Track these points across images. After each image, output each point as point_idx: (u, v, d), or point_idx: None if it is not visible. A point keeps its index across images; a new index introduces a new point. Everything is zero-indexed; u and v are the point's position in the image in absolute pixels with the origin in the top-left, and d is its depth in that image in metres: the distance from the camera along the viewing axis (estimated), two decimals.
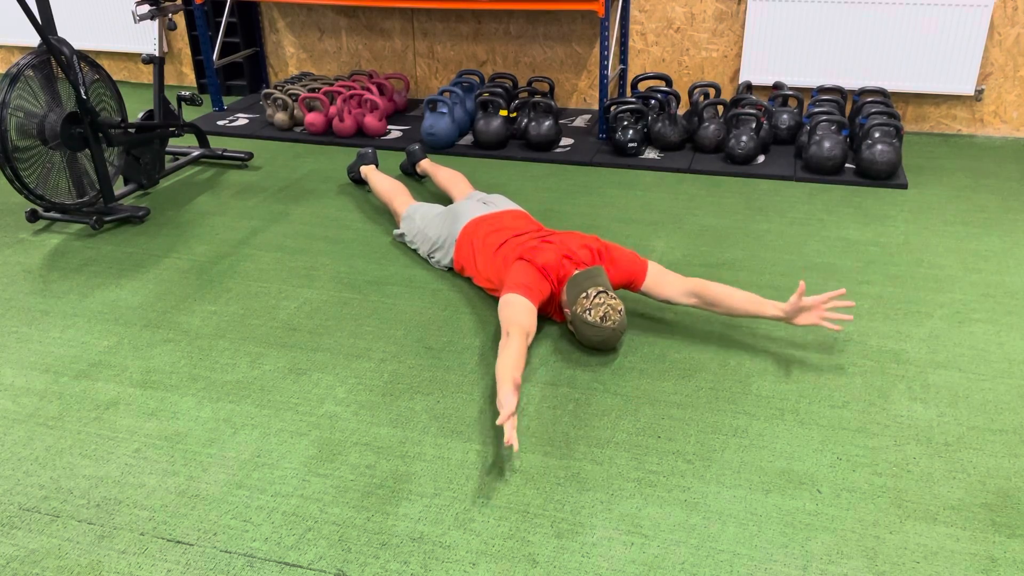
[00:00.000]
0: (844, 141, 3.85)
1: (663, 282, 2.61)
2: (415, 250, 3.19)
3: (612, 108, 4.32)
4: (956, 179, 3.88)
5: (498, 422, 1.94)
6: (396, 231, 3.29)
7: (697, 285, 2.55)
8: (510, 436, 1.92)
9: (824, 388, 2.34)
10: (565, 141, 4.42)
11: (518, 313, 2.38)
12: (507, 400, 2.01)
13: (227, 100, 5.40)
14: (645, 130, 4.26)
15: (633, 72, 4.87)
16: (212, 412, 2.28)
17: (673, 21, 4.68)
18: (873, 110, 4.06)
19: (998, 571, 1.75)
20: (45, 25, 3.24)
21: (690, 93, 4.44)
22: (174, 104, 4.96)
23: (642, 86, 4.81)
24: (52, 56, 3.21)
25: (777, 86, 4.45)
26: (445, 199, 3.61)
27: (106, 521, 1.91)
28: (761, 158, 4.12)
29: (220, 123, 4.83)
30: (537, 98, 4.31)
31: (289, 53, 5.44)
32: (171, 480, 2.03)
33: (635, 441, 2.14)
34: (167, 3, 3.74)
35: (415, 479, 2.02)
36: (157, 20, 3.78)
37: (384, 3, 4.45)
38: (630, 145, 4.13)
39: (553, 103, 4.26)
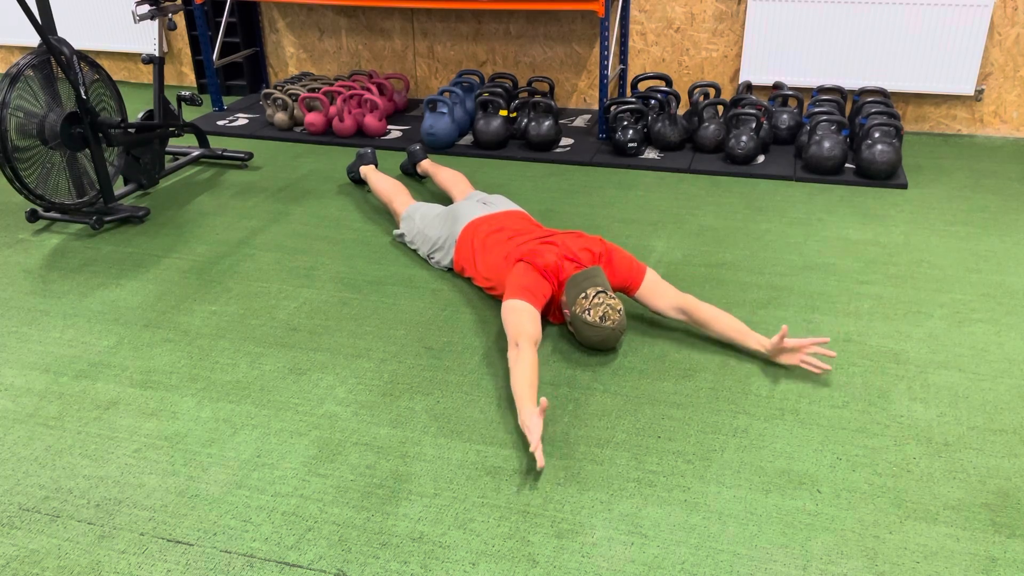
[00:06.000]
0: (844, 141, 3.85)
1: (657, 292, 2.61)
2: (415, 250, 3.18)
3: (612, 108, 4.32)
4: (956, 179, 3.88)
5: (531, 450, 1.97)
6: (396, 231, 3.29)
7: (688, 303, 2.56)
8: (542, 460, 1.97)
9: (824, 388, 2.34)
10: (565, 141, 4.42)
11: (524, 321, 2.38)
12: (533, 425, 2.03)
13: (227, 100, 5.40)
14: (645, 130, 4.26)
15: (633, 72, 4.87)
16: (212, 412, 2.28)
17: (673, 21, 4.68)
18: (873, 110, 4.06)
19: (998, 571, 1.75)
20: (45, 25, 3.24)
21: (690, 93, 4.44)
22: (174, 104, 4.96)
23: (642, 86, 4.81)
24: (52, 56, 3.21)
25: (777, 86, 4.45)
26: (445, 199, 3.61)
27: (106, 521, 1.91)
28: (761, 158, 4.12)
29: (220, 123, 4.83)
30: (537, 98, 4.31)
31: (289, 53, 5.44)
32: (171, 480, 2.03)
33: (635, 441, 2.14)
34: (167, 3, 3.74)
35: (415, 479, 2.02)
36: (157, 20, 3.78)
37: (384, 3, 4.45)
38: (630, 145, 4.13)
39: (553, 103, 4.26)
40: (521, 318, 2.39)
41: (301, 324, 2.71)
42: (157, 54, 3.78)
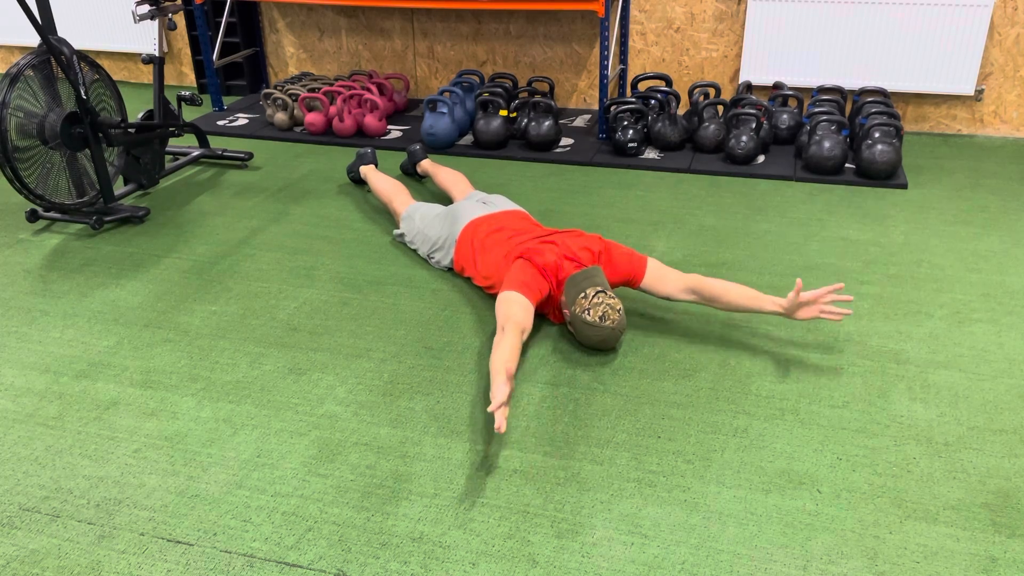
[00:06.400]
0: (844, 141, 3.85)
1: (662, 279, 2.61)
2: (415, 250, 3.19)
3: (612, 108, 4.32)
4: (956, 179, 3.88)
5: (489, 409, 1.95)
6: (396, 231, 3.29)
7: (695, 281, 2.56)
8: (500, 423, 1.92)
9: (824, 388, 2.34)
10: (565, 141, 4.42)
11: (514, 310, 2.39)
12: (499, 390, 2.01)
13: (227, 100, 5.40)
14: (645, 130, 4.26)
15: (633, 72, 4.87)
16: (212, 412, 2.28)
17: (673, 21, 4.68)
18: (873, 110, 4.06)
19: (998, 571, 1.75)
20: (45, 25, 3.24)
21: (690, 93, 4.44)
22: (174, 104, 4.96)
23: (642, 86, 4.81)
24: (52, 56, 3.21)
25: (777, 86, 4.45)
26: (445, 199, 3.61)
27: (106, 521, 1.91)
28: (761, 158, 4.12)
29: (220, 123, 4.83)
30: (537, 98, 4.31)
31: (289, 53, 5.44)
32: (171, 480, 2.03)
33: (635, 441, 2.14)
34: (167, 3, 3.74)
35: (415, 479, 2.02)
36: (157, 20, 3.78)
37: (384, 3, 4.45)
38: (630, 145, 4.13)
39: (553, 103, 4.26)
40: (512, 307, 2.40)
41: (301, 324, 2.71)
42: (157, 54, 3.78)
